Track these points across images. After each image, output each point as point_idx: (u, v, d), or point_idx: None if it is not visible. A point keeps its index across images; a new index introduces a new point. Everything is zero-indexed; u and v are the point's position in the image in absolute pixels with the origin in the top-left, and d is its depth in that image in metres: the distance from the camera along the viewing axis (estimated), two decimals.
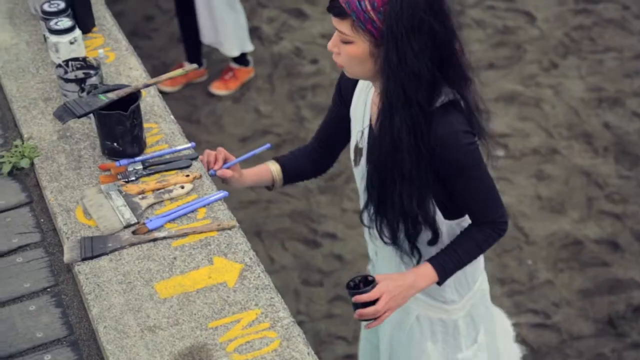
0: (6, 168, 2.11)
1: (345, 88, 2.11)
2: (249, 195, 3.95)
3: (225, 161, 2.15)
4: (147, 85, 2.16)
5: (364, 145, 2.04)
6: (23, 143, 2.16)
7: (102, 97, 2.08)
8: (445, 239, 2.05)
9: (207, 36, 4.48)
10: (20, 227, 1.99)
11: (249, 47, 4.60)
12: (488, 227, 2.02)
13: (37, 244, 1.96)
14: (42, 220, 2.02)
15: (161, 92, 4.23)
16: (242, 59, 4.62)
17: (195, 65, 2.26)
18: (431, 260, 2.00)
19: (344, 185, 4.02)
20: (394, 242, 2.03)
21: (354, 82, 2.07)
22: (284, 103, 4.57)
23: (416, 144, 1.86)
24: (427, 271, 1.99)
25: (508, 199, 3.76)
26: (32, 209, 2.04)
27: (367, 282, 1.94)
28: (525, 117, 4.27)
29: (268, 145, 2.24)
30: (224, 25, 4.40)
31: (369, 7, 1.75)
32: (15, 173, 2.12)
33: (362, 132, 2.05)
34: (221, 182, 2.17)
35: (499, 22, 4.89)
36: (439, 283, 2.02)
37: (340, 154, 2.29)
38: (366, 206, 2.05)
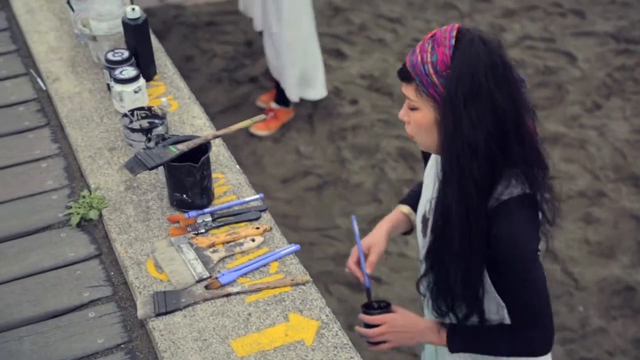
0: (75, 220, 2.10)
1: (426, 153, 2.03)
2: None
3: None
4: (216, 136, 2.15)
5: (430, 216, 1.92)
6: (90, 194, 2.15)
7: (172, 148, 2.06)
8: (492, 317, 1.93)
9: (274, 71, 4.51)
10: (91, 280, 1.98)
11: (309, 94, 4.59)
12: (523, 339, 1.87)
13: (109, 298, 1.94)
14: (112, 273, 2.00)
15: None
16: (282, 100, 4.62)
17: (263, 116, 2.25)
18: (451, 326, 1.92)
19: None
20: (445, 314, 1.94)
21: None
22: (324, 144, 4.55)
23: (467, 222, 1.74)
24: (440, 332, 1.92)
25: (556, 243, 3.63)
26: (101, 262, 2.03)
27: (385, 307, 1.98)
28: (570, 158, 4.23)
29: (354, 217, 2.15)
30: (286, 68, 4.43)
31: (431, 71, 1.69)
32: (84, 224, 2.11)
33: (430, 202, 1.93)
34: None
35: (540, 63, 4.87)
36: (450, 350, 1.94)
37: None
38: (424, 275, 1.96)
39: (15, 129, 2.39)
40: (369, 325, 1.96)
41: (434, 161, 1.98)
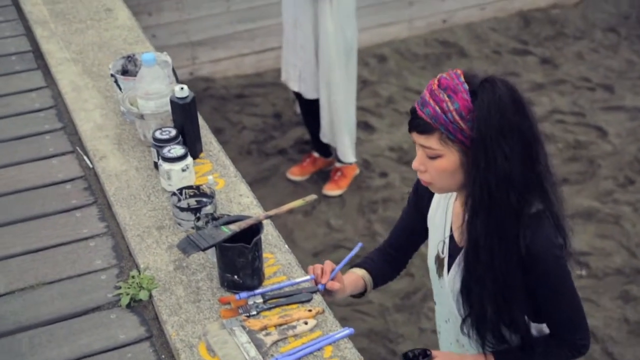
0: (124, 300, 2.08)
1: (422, 196, 2.09)
2: None
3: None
4: (268, 216, 2.14)
5: (445, 255, 2.01)
6: (140, 274, 2.13)
7: (224, 229, 2.05)
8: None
9: (326, 136, 4.58)
10: None
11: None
12: (567, 345, 1.97)
13: None
14: (163, 356, 1.97)
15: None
16: None
17: (314, 196, 2.24)
18: (497, 355, 1.96)
19: (420, 303, 3.93)
20: (488, 348, 1.98)
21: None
22: (354, 217, 4.53)
23: (503, 250, 1.82)
24: (488, 358, 1.96)
25: (594, 321, 3.65)
26: (152, 344, 1.99)
27: (425, 356, 1.95)
28: (605, 235, 4.19)
29: (360, 244, 2.18)
30: (342, 131, 4.50)
31: (457, 118, 1.75)
32: (134, 305, 2.09)
33: (444, 242, 2.01)
34: (324, 296, 2.10)
35: (570, 137, 4.87)
36: None
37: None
38: (467, 316, 1.98)
39: (62, 208, 2.39)
40: None
41: (439, 202, 2.04)
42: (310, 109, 4.57)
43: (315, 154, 4.83)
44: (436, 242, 2.05)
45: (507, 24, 6.13)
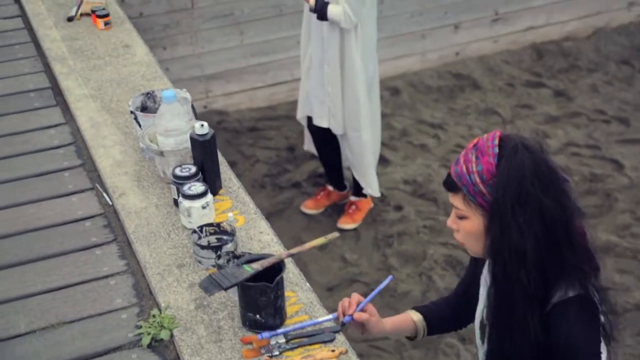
0: (146, 340, 2.06)
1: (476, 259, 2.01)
2: None
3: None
4: (290, 255, 2.12)
5: (487, 323, 1.90)
6: (161, 313, 2.12)
7: (247, 267, 2.04)
8: None
9: (356, 171, 4.55)
10: None
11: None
12: None
13: None
14: None
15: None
16: (360, 191, 4.66)
17: (337, 234, 2.23)
18: None
19: (437, 339, 3.90)
20: None
21: None
22: (370, 251, 4.51)
23: (517, 330, 1.72)
24: None
25: (613, 358, 3.59)
26: None
27: None
28: (624, 269, 4.15)
29: (391, 277, 2.15)
30: (370, 165, 4.50)
31: (478, 180, 1.71)
32: (155, 345, 2.07)
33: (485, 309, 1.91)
34: (360, 334, 2.06)
35: (586, 170, 4.85)
36: None
37: None
38: None
39: (82, 245, 2.38)
40: None
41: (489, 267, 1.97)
42: (329, 142, 4.55)
43: (330, 187, 4.82)
44: (481, 307, 1.95)
45: (520, 57, 6.14)
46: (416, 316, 2.14)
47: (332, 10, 3.94)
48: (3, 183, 2.65)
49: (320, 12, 3.95)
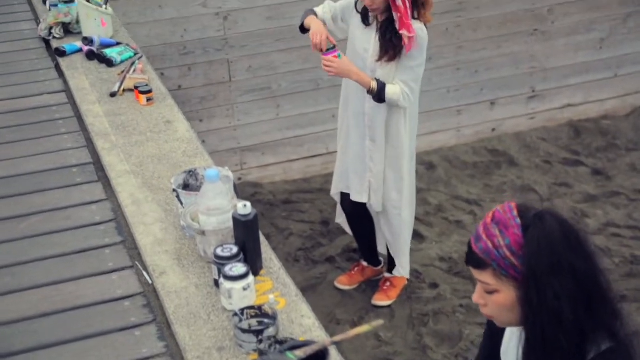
0: None
1: (496, 328, 1.98)
2: None
3: None
4: (334, 342, 2.07)
5: None
6: None
7: (290, 355, 1.99)
8: None
9: (392, 248, 4.53)
10: None
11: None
12: None
13: None
14: None
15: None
16: (395, 268, 4.62)
17: (381, 322, 2.18)
18: None
19: None
20: None
21: None
22: (404, 329, 4.43)
23: None
24: None
25: None
26: None
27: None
28: None
29: None
30: (407, 245, 4.47)
31: (508, 254, 1.71)
32: None
33: None
34: None
35: (626, 251, 4.76)
36: None
37: None
38: None
39: (121, 326, 2.34)
40: None
41: (512, 336, 1.94)
42: (364, 218, 4.51)
43: (364, 263, 4.77)
44: None
45: (557, 134, 6.11)
46: None
47: (390, 90, 3.89)
48: (44, 260, 2.64)
49: (379, 95, 3.90)
